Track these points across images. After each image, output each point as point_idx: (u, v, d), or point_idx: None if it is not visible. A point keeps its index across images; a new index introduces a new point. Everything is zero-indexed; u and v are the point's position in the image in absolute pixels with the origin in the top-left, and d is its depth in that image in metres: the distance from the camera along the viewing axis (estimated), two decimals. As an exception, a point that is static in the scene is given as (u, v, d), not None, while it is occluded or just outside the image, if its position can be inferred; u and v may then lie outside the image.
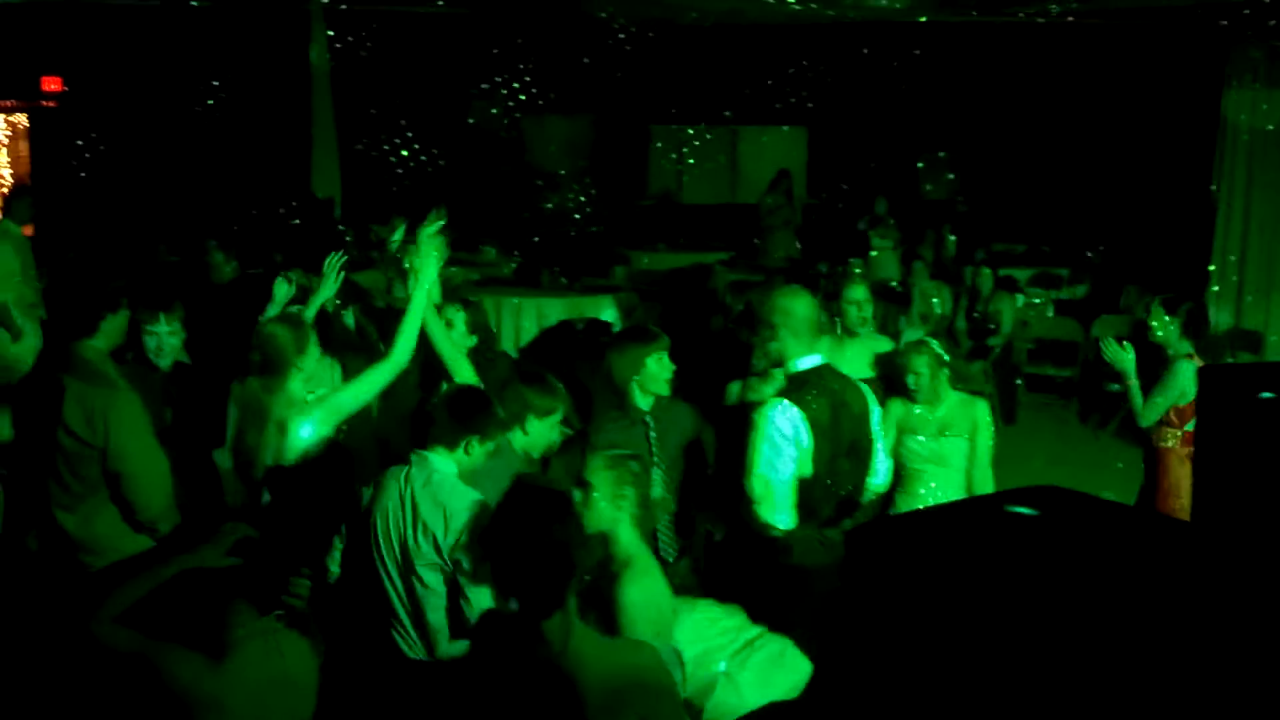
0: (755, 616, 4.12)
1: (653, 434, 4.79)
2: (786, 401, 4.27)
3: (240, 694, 3.02)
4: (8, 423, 4.58)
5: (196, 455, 5.31)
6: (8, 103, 16.05)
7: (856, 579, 2.25)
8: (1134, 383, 5.81)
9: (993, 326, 10.89)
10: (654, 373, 4.77)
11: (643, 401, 4.81)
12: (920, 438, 5.36)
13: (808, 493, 4.29)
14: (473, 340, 5.40)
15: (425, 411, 4.01)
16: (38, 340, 8.46)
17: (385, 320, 6.05)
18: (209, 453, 5.47)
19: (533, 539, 2.86)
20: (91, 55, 13.88)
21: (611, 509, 3.59)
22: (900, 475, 5.38)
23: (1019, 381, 10.75)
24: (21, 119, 16.60)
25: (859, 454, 4.48)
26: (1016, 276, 11.88)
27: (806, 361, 4.36)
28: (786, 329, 4.32)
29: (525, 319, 10.45)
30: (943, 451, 5.34)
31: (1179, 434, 5.71)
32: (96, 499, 4.15)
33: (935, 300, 11.43)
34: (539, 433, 4.47)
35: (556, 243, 13.45)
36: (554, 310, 10.49)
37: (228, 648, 3.03)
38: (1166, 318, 5.83)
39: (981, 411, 5.50)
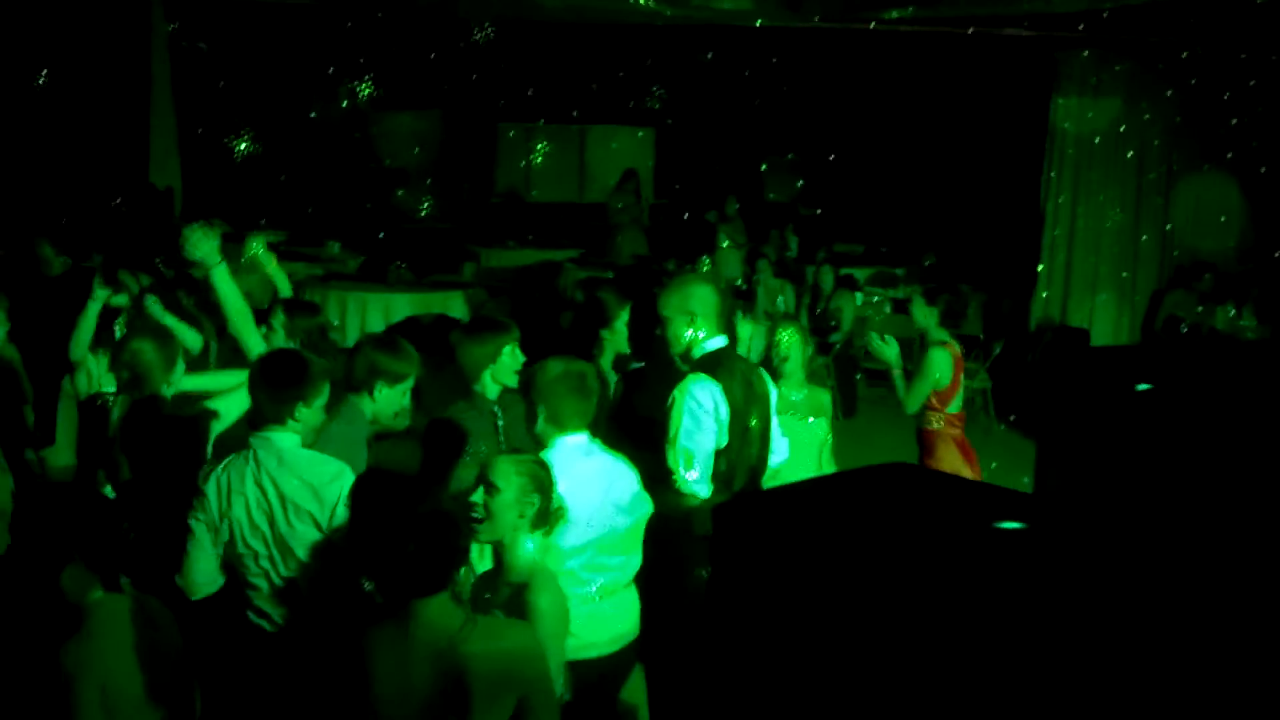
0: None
1: (500, 423, 4.82)
2: (706, 376, 4.40)
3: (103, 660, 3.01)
4: None
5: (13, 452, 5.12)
6: None
7: (723, 551, 2.32)
8: (898, 373, 6.17)
9: (834, 324, 11.18)
10: (506, 363, 4.81)
11: (492, 391, 4.83)
12: (784, 418, 5.37)
13: (721, 464, 4.44)
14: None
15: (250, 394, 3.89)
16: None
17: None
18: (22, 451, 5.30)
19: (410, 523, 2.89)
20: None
21: (515, 514, 3.50)
22: None
23: (859, 376, 11.07)
24: None
25: (765, 431, 4.66)
26: (856, 276, 12.22)
27: (715, 343, 4.53)
28: (701, 315, 4.48)
29: (371, 315, 10.28)
30: (803, 434, 5.44)
31: (942, 416, 6.09)
32: None
33: (780, 298, 11.70)
34: (387, 399, 4.41)
35: (403, 238, 13.30)
36: (401, 306, 10.35)
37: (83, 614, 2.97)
38: (927, 308, 6.17)
39: (826, 399, 5.74)
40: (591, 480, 3.97)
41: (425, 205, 15.06)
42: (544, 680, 3.02)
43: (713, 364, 4.47)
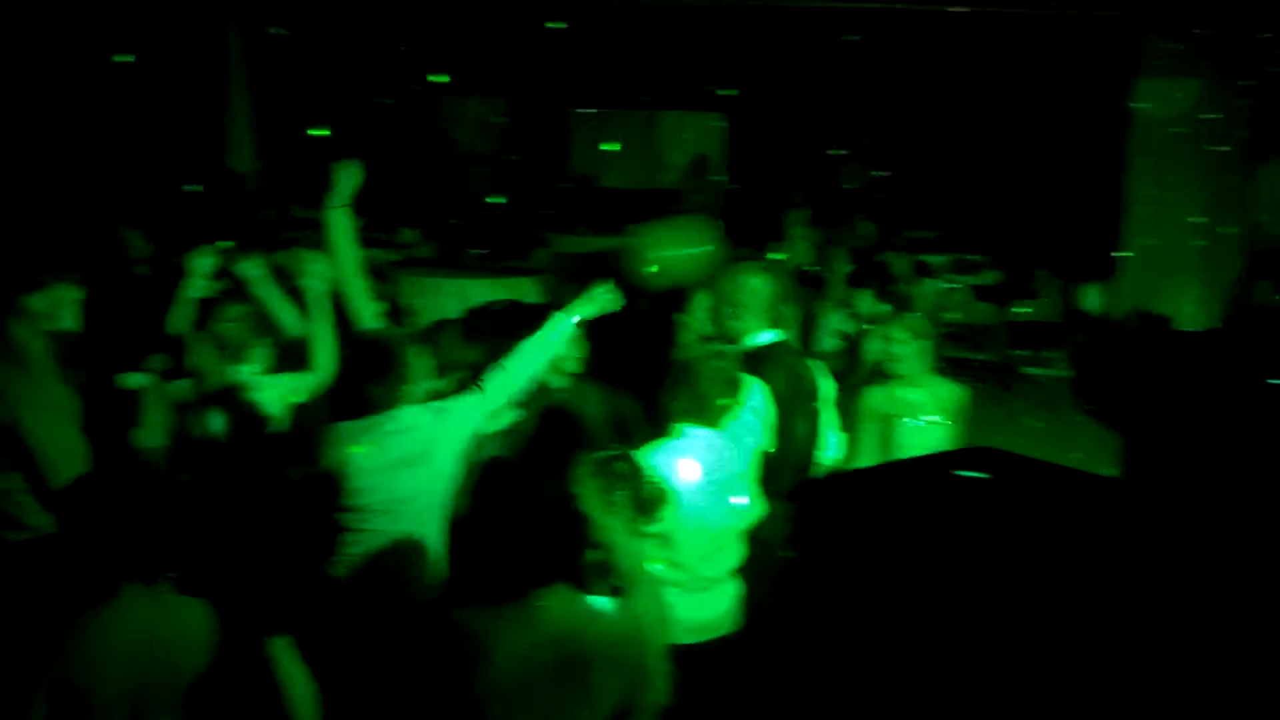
0: None
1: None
2: (749, 376, 4.32)
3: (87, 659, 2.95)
4: None
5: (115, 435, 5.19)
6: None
7: (804, 531, 2.29)
8: None
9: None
10: (569, 352, 4.78)
11: (558, 380, 4.82)
12: (900, 420, 5.00)
13: (766, 464, 4.35)
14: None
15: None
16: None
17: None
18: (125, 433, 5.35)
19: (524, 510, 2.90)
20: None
21: (601, 514, 3.40)
22: None
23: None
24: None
25: (812, 428, 4.56)
26: (932, 262, 12.06)
27: (765, 337, 4.46)
28: (748, 307, 4.41)
29: (446, 300, 10.36)
30: (917, 437, 5.00)
31: None
32: (5, 476, 4.08)
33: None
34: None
35: (476, 224, 13.36)
36: (474, 291, 10.40)
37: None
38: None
39: (952, 394, 5.28)
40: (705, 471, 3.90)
41: (497, 191, 15.12)
42: (657, 675, 3.00)
43: (758, 361, 4.39)
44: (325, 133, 11.14)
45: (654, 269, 5.18)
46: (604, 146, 16.78)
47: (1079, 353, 10.29)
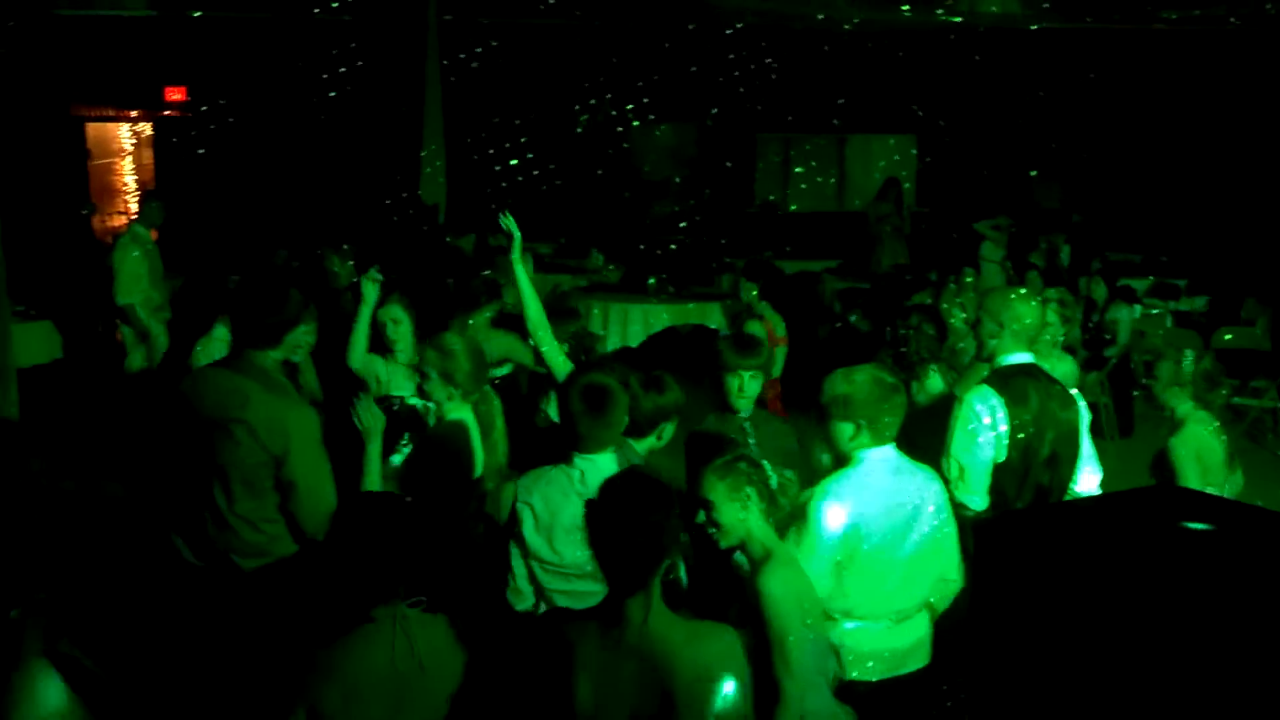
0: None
1: (752, 440, 4.79)
2: (989, 388, 4.39)
3: (341, 685, 2.94)
4: None
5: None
6: (134, 113, 16.63)
7: (985, 567, 2.25)
8: None
9: (1109, 337, 10.66)
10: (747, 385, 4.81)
11: (745, 408, 4.84)
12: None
13: (1000, 479, 4.39)
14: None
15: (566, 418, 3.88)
16: (164, 341, 8.76)
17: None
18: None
19: (625, 522, 2.91)
20: (213, 66, 14.32)
21: (737, 513, 3.53)
22: None
23: (1136, 393, 10.50)
24: (146, 128, 17.20)
25: (1060, 454, 4.50)
26: (1133, 287, 11.63)
27: (1017, 358, 4.49)
28: (1008, 330, 4.46)
29: (632, 324, 10.51)
30: None
31: None
32: (260, 504, 4.08)
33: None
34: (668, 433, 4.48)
35: (663, 250, 13.50)
36: (660, 316, 10.52)
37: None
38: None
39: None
40: (893, 495, 3.87)
41: (683, 217, 15.24)
42: (743, 685, 2.98)
43: (1005, 378, 4.43)
44: (516, 162, 11.46)
45: None
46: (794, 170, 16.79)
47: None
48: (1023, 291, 4.71)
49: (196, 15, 13.34)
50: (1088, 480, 4.67)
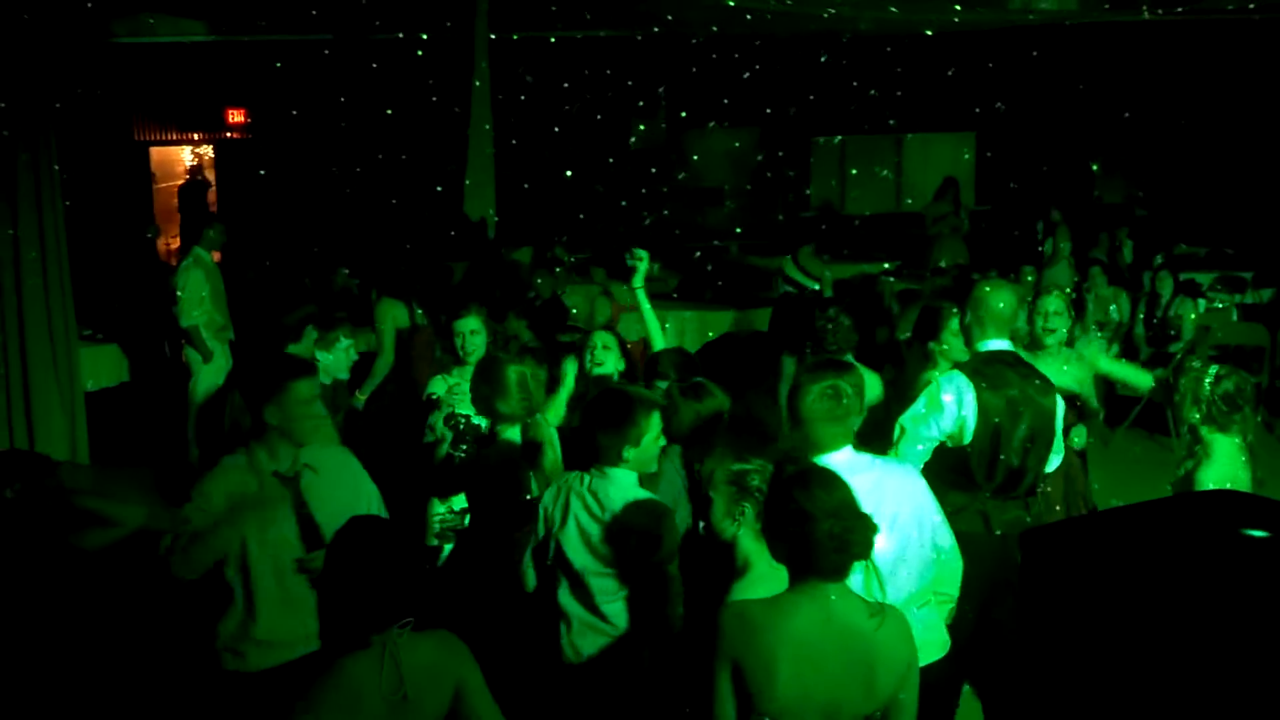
0: None
1: None
2: (959, 373, 4.53)
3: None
4: None
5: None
6: (195, 135, 16.94)
7: (1034, 577, 2.22)
8: None
9: (1173, 333, 10.49)
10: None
11: None
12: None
13: (965, 461, 4.48)
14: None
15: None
16: (227, 361, 8.89)
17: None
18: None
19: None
20: (272, 89, 14.54)
21: (729, 521, 3.53)
22: None
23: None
24: (207, 150, 17.51)
25: (1036, 439, 4.54)
26: (1198, 281, 11.42)
27: (994, 344, 4.60)
28: (984, 319, 4.60)
29: (689, 332, 10.53)
30: None
31: None
32: None
33: (1113, 307, 11.07)
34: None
35: (718, 256, 13.48)
36: (718, 323, 10.53)
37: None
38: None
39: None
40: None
41: (739, 222, 15.22)
42: (916, 672, 2.99)
43: (979, 364, 4.55)
44: (567, 174, 11.48)
45: None
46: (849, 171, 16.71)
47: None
48: (994, 282, 4.80)
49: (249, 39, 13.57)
50: (1055, 463, 4.75)
